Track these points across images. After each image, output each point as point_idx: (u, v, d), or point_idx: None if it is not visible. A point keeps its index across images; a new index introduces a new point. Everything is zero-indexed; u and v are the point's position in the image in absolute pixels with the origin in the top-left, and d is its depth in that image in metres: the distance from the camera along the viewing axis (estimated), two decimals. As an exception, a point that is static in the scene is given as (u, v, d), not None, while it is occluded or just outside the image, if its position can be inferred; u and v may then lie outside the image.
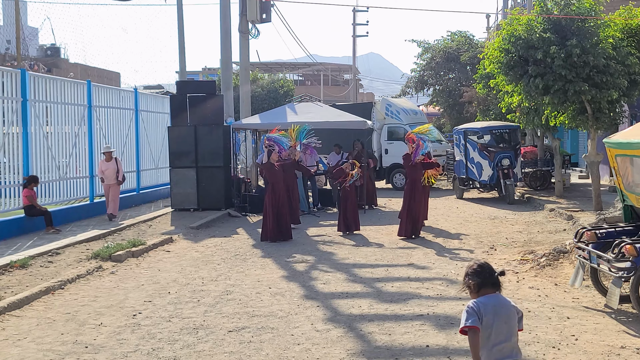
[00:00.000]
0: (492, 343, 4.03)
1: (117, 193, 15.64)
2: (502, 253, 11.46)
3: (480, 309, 4.01)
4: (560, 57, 14.20)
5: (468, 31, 33.29)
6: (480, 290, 4.11)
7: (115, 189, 15.51)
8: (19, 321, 7.67)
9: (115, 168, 15.44)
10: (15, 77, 13.67)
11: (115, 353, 6.52)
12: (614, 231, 8.18)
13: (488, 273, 4.12)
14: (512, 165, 19.22)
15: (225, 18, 20.63)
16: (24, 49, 35.74)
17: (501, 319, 4.03)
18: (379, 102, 26.12)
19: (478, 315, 3.99)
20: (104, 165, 15.44)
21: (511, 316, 4.08)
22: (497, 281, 4.14)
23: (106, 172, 15.38)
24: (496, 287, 4.13)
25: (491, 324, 4.01)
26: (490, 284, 4.11)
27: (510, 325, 4.06)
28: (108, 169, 15.39)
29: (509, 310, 4.09)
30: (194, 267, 10.75)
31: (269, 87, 35.96)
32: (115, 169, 15.43)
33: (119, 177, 15.48)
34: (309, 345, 6.63)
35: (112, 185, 15.42)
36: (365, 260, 11.15)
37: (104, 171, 15.40)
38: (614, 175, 8.60)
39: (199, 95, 17.77)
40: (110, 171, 15.38)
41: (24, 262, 10.34)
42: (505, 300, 4.13)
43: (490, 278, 4.11)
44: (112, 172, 15.39)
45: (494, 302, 4.06)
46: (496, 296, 4.11)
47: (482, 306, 4.02)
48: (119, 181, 15.52)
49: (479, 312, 4.00)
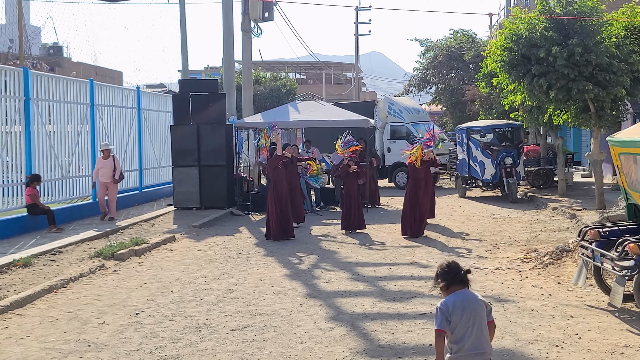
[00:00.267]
0: (461, 336, 4.29)
1: (114, 192, 15.29)
2: (505, 252, 11.44)
3: (449, 308, 4.30)
4: (563, 56, 14.17)
5: (471, 30, 33.26)
6: (450, 287, 4.39)
7: (112, 188, 15.14)
8: (21, 320, 7.68)
9: (113, 166, 15.03)
10: (18, 75, 13.68)
11: (118, 352, 6.52)
12: (617, 230, 8.16)
13: (455, 272, 4.41)
14: (515, 164, 19.19)
15: (227, 17, 20.60)
16: (26, 48, 35.79)
17: (469, 313, 4.30)
18: (381, 101, 26.11)
19: (447, 316, 4.29)
20: (101, 163, 15.03)
21: (479, 310, 4.34)
22: (465, 278, 4.40)
23: (102, 170, 14.94)
24: (464, 283, 4.40)
25: (460, 318, 4.29)
26: (458, 281, 4.39)
27: (478, 318, 4.31)
28: (105, 166, 14.97)
29: (477, 305, 4.35)
30: (196, 265, 10.75)
31: (272, 85, 35.96)
32: (113, 167, 15.02)
33: (115, 175, 15.05)
34: (312, 344, 6.63)
35: (110, 184, 15.02)
36: (368, 258, 11.14)
37: (100, 169, 14.95)
38: (617, 174, 8.57)
39: (201, 94, 17.77)
40: (107, 169, 14.97)
41: (27, 261, 10.35)
42: (473, 295, 4.40)
43: (458, 276, 4.40)
44: (110, 170, 14.98)
45: (462, 298, 4.34)
46: (464, 292, 4.38)
47: (450, 304, 4.31)
48: (116, 180, 15.10)
49: (448, 312, 4.30)
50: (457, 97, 30.74)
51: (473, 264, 10.39)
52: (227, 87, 20.47)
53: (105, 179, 14.97)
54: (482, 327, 4.33)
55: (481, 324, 4.32)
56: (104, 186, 15.03)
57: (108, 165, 15.02)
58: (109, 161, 15.06)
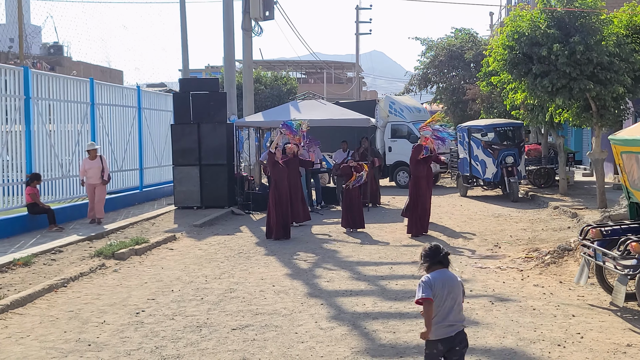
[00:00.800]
0: (441, 308, 4.84)
1: (103, 194, 14.64)
2: (506, 251, 11.41)
3: (432, 283, 4.82)
4: (564, 54, 14.13)
5: (472, 28, 33.19)
6: (431, 267, 4.95)
7: (100, 190, 14.46)
8: (22, 319, 7.65)
9: (100, 167, 14.39)
10: (18, 74, 13.67)
11: (119, 351, 6.49)
12: (619, 229, 8.12)
13: (436, 254, 4.95)
14: (516, 163, 19.16)
15: (228, 15, 20.58)
16: (26, 47, 35.77)
17: (447, 290, 4.84)
18: (382, 100, 26.07)
19: (431, 288, 4.80)
20: (88, 164, 14.38)
21: (456, 287, 4.90)
22: (444, 260, 4.94)
23: (90, 171, 14.34)
24: (444, 264, 4.95)
25: (440, 294, 4.82)
26: (438, 262, 4.93)
27: (455, 293, 4.89)
28: (92, 167, 14.34)
29: (454, 283, 4.90)
30: (197, 265, 10.72)
31: (272, 84, 35.92)
32: (100, 168, 14.38)
33: (104, 176, 14.43)
34: (313, 344, 6.60)
35: (97, 186, 14.34)
36: (369, 258, 11.11)
37: (87, 170, 14.35)
38: (619, 173, 8.54)
39: (202, 93, 17.74)
40: (94, 170, 14.35)
41: (27, 260, 10.33)
42: (452, 274, 4.95)
43: (439, 257, 4.93)
44: (97, 171, 14.36)
45: (442, 276, 4.88)
46: (444, 271, 4.91)
47: (433, 280, 4.84)
48: (104, 181, 14.48)
49: (432, 285, 4.81)
50: (458, 96, 30.68)
51: (474, 263, 10.37)
52: (228, 86, 20.44)
53: (93, 181, 14.36)
54: (458, 302, 4.90)
55: (457, 299, 4.89)
56: (92, 188, 14.40)
57: (95, 166, 14.40)
58: (96, 162, 14.43)
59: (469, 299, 8.15)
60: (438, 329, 4.86)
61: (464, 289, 5.03)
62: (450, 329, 4.87)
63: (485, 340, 6.58)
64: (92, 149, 14.54)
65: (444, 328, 4.86)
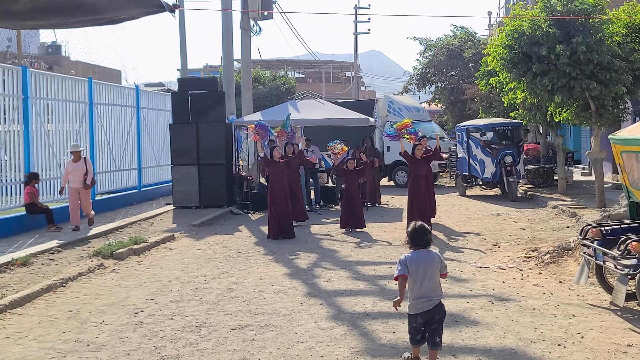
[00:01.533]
0: (417, 285, 5.52)
1: (88, 198, 13.93)
2: (505, 250, 11.39)
3: (407, 261, 5.54)
4: (566, 54, 14.12)
5: (471, 27, 33.23)
6: (413, 246, 5.61)
7: (85, 195, 13.75)
8: (20, 319, 7.63)
9: (84, 170, 13.59)
10: (16, 74, 13.63)
11: (117, 351, 6.46)
12: (619, 228, 8.10)
13: (419, 235, 5.60)
14: (515, 163, 19.15)
15: (226, 15, 20.56)
16: (24, 47, 35.72)
17: (422, 268, 5.51)
18: (381, 100, 26.04)
19: (406, 266, 5.52)
20: (71, 167, 13.58)
21: (430, 265, 5.54)
22: (425, 242, 5.61)
23: (72, 174, 13.56)
24: (426, 244, 5.63)
25: (415, 271, 5.51)
26: (419, 242, 5.59)
27: (431, 271, 5.54)
28: (75, 170, 13.55)
29: (431, 261, 5.56)
30: (196, 264, 10.70)
31: (271, 84, 35.90)
32: (84, 171, 13.59)
33: (87, 179, 13.61)
34: (312, 344, 6.58)
35: (81, 190, 13.61)
36: (368, 257, 11.09)
37: (70, 173, 13.57)
38: (619, 172, 8.52)
39: (200, 92, 17.71)
40: (78, 173, 13.56)
41: (26, 260, 10.30)
42: (430, 253, 5.62)
43: (420, 239, 5.60)
44: (81, 174, 13.56)
45: (419, 256, 5.56)
46: (421, 251, 5.59)
47: (409, 259, 5.56)
48: (87, 185, 13.67)
49: (407, 263, 5.53)
50: (456, 95, 30.73)
51: (474, 263, 10.36)
52: (227, 86, 20.43)
53: (77, 185, 13.58)
54: (434, 279, 5.55)
55: (432, 277, 5.54)
56: (75, 192, 13.62)
57: (79, 168, 13.60)
58: (79, 164, 13.63)
59: (468, 298, 8.15)
60: (417, 304, 5.52)
61: (444, 265, 5.62)
62: (428, 303, 5.51)
63: (486, 340, 6.56)
64: (76, 150, 13.65)
65: (423, 303, 5.51)
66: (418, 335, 5.66)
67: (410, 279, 5.54)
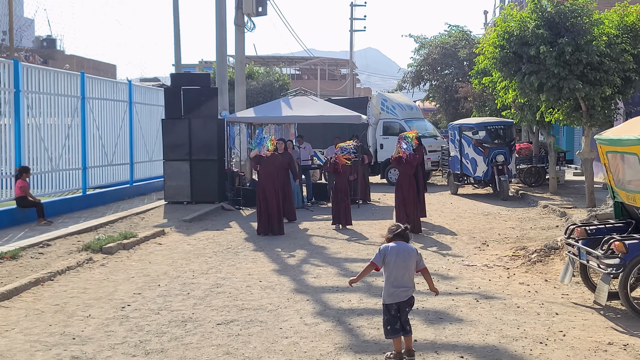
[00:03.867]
0: (393, 276, 5.84)
1: None
2: (494, 249, 11.46)
3: (385, 251, 5.88)
4: (552, 55, 14.18)
5: (466, 26, 33.25)
6: (392, 239, 5.96)
7: None
8: (7, 312, 7.65)
9: None
10: (8, 67, 13.61)
11: (103, 345, 6.50)
12: (603, 228, 8.17)
13: (398, 230, 5.99)
14: (507, 162, 19.22)
15: (220, 10, 20.56)
16: (19, 41, 35.60)
17: (399, 258, 5.84)
18: (374, 97, 26.08)
19: (384, 256, 5.87)
20: None
21: (408, 258, 5.87)
22: (405, 234, 5.99)
23: None
24: (404, 238, 5.98)
25: (392, 261, 5.83)
26: (399, 235, 5.97)
27: (407, 263, 5.86)
28: None
29: (408, 253, 5.89)
30: (185, 260, 10.72)
31: (265, 80, 35.90)
32: None
33: None
34: (297, 339, 6.62)
35: None
36: (357, 254, 11.14)
37: None
38: (604, 172, 8.59)
39: (193, 88, 17.70)
40: None
41: (15, 253, 10.31)
42: (409, 247, 5.96)
43: (399, 233, 5.97)
44: None
45: (399, 247, 5.89)
46: (402, 243, 5.94)
47: (387, 249, 5.90)
48: None
49: (385, 253, 5.88)
50: (450, 94, 30.74)
51: (461, 261, 10.42)
52: (220, 82, 20.42)
53: None
54: (408, 270, 5.87)
55: (409, 268, 5.88)
56: None
57: None
58: None
59: (454, 296, 8.21)
60: (394, 293, 5.85)
61: (422, 262, 5.97)
62: (405, 293, 5.86)
63: (469, 337, 6.62)
64: None
65: (401, 292, 5.85)
66: (397, 324, 5.87)
67: (389, 268, 5.84)
